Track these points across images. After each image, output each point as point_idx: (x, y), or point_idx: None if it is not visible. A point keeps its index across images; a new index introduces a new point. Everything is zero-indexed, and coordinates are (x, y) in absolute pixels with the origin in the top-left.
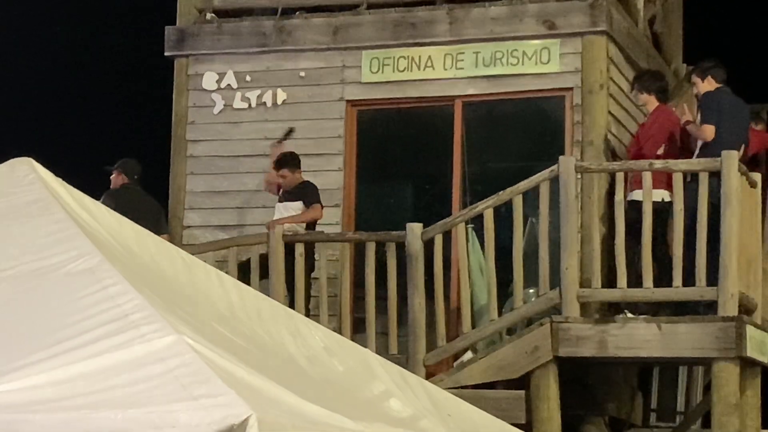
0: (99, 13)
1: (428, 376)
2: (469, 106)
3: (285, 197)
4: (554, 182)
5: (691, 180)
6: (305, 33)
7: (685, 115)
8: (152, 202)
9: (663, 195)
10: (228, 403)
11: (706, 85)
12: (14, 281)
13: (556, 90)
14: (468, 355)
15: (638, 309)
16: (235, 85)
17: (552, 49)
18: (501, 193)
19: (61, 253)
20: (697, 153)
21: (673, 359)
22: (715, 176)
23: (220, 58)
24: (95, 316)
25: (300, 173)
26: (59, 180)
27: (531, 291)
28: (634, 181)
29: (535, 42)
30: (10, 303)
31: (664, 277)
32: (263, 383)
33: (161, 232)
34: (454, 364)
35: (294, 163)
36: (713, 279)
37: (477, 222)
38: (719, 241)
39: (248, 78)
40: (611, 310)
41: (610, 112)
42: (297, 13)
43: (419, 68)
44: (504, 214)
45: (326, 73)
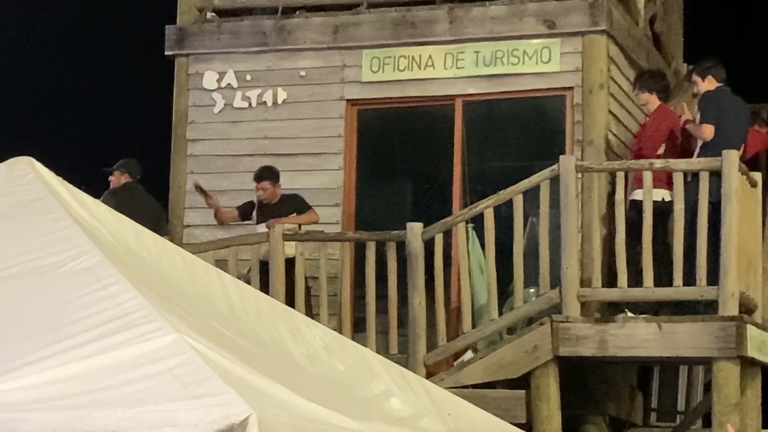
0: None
1: (428, 375)
2: (469, 105)
3: (267, 215)
4: (555, 182)
5: (692, 179)
6: (305, 32)
7: (684, 115)
8: (153, 202)
9: (663, 194)
10: (228, 402)
11: (707, 84)
12: (14, 280)
13: (557, 89)
14: (468, 355)
15: (638, 308)
16: (235, 85)
17: (552, 48)
18: (501, 192)
19: (61, 251)
20: (697, 152)
21: (673, 359)
22: (716, 175)
23: (221, 58)
24: (95, 315)
25: (280, 187)
26: (59, 179)
27: (531, 290)
28: (635, 180)
29: (536, 41)
30: (10, 302)
31: (664, 277)
32: (263, 382)
33: (162, 232)
34: (455, 363)
35: (275, 175)
36: (713, 278)
37: (477, 221)
38: (719, 240)
39: (248, 77)
40: (611, 309)
41: (611, 112)
42: (297, 13)
43: (419, 67)
44: (504, 214)
45: (326, 72)
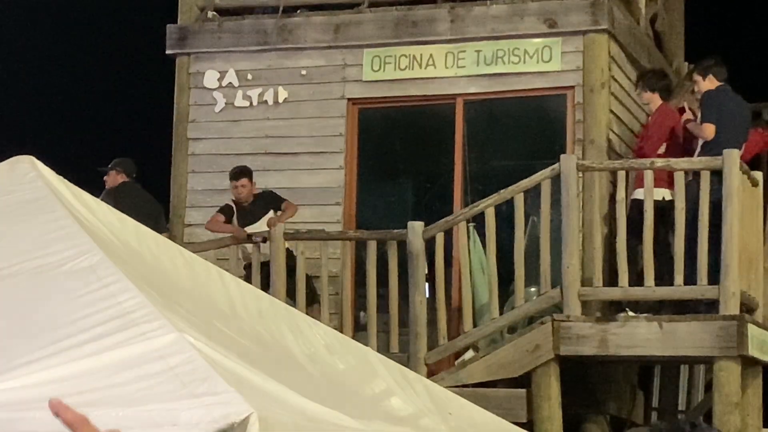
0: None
1: (429, 374)
2: (470, 104)
3: (246, 216)
4: (556, 181)
5: (693, 179)
6: (306, 31)
7: (685, 113)
8: (151, 200)
9: (664, 194)
10: (229, 401)
11: (708, 83)
12: (15, 279)
13: (558, 88)
14: (469, 354)
15: (639, 308)
16: (236, 84)
17: (553, 47)
18: (502, 191)
19: (62, 250)
20: (698, 152)
21: (674, 358)
22: (717, 175)
23: (222, 57)
24: (96, 313)
25: (255, 186)
26: (60, 178)
27: (532, 289)
28: (636, 179)
29: (537, 40)
30: (11, 301)
31: (665, 276)
32: (264, 381)
33: (160, 230)
34: (455, 362)
35: (251, 173)
36: (715, 278)
37: (478, 220)
38: (721, 239)
39: (249, 76)
40: (612, 308)
41: (612, 111)
42: (298, 12)
43: (420, 66)
44: (505, 213)
45: (327, 71)
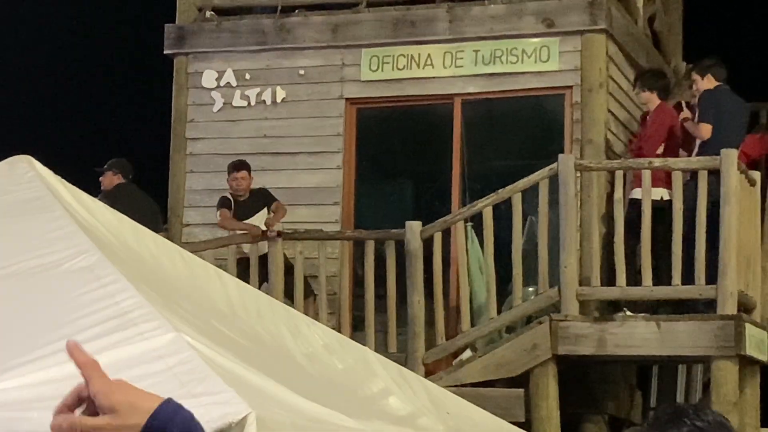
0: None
1: (427, 374)
2: (468, 104)
3: (242, 211)
4: (553, 180)
5: (691, 178)
6: (305, 31)
7: (683, 112)
8: (148, 200)
9: (662, 193)
10: (227, 401)
11: (706, 83)
12: (13, 279)
13: (556, 88)
14: (467, 354)
15: (637, 307)
16: (234, 83)
17: (551, 47)
18: (500, 191)
19: (60, 250)
20: (696, 151)
21: (672, 357)
22: (715, 174)
23: (220, 56)
24: (94, 313)
25: (252, 179)
26: (58, 178)
27: (530, 289)
28: (634, 179)
29: (535, 40)
30: (9, 301)
31: (663, 276)
32: (262, 381)
33: (159, 231)
34: (453, 362)
35: (250, 168)
36: (712, 277)
37: (476, 220)
38: (718, 239)
39: (248, 76)
40: (610, 308)
41: (610, 111)
42: (296, 11)
43: (419, 66)
44: (503, 213)
45: (326, 71)
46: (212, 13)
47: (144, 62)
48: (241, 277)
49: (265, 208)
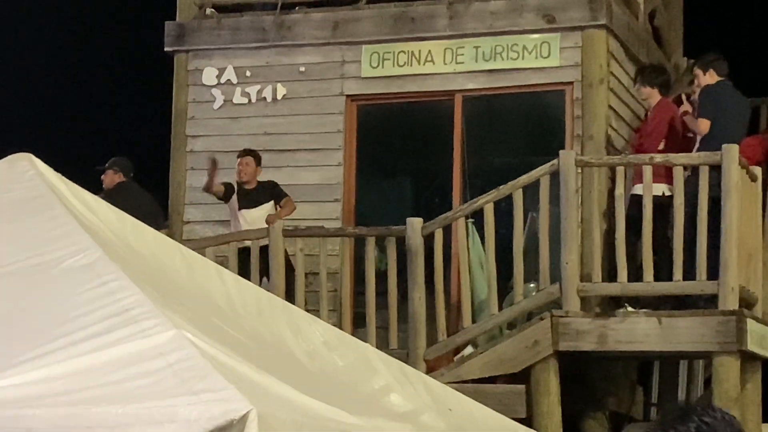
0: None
1: (428, 370)
2: (469, 100)
3: (246, 200)
4: (554, 177)
5: (692, 174)
6: (305, 28)
7: (683, 106)
8: (149, 198)
9: (663, 189)
10: (228, 398)
11: (708, 78)
12: (14, 277)
13: (557, 84)
14: (468, 350)
15: (639, 303)
16: (234, 81)
17: (552, 43)
18: (501, 187)
19: (61, 248)
20: (697, 146)
21: (673, 353)
22: (716, 170)
23: (220, 54)
24: (95, 311)
25: (260, 171)
26: (59, 175)
27: (531, 285)
28: (635, 175)
29: (535, 36)
30: (10, 299)
31: (664, 271)
32: (263, 378)
33: (160, 228)
34: (455, 358)
35: (259, 158)
36: (714, 273)
37: (477, 216)
38: (720, 234)
39: (248, 73)
40: (611, 304)
41: (611, 107)
42: (297, 8)
43: (419, 63)
44: (504, 209)
45: (326, 68)
46: (212, 10)
47: (144, 60)
48: (243, 267)
49: (272, 201)
